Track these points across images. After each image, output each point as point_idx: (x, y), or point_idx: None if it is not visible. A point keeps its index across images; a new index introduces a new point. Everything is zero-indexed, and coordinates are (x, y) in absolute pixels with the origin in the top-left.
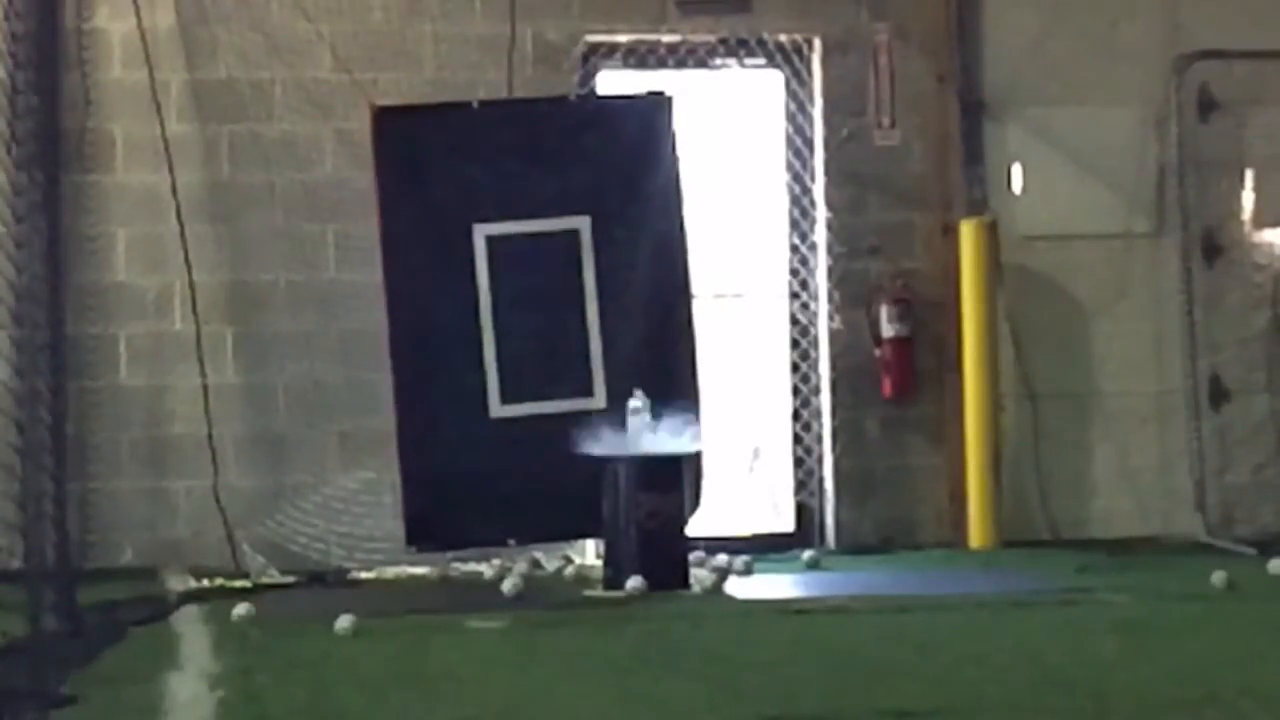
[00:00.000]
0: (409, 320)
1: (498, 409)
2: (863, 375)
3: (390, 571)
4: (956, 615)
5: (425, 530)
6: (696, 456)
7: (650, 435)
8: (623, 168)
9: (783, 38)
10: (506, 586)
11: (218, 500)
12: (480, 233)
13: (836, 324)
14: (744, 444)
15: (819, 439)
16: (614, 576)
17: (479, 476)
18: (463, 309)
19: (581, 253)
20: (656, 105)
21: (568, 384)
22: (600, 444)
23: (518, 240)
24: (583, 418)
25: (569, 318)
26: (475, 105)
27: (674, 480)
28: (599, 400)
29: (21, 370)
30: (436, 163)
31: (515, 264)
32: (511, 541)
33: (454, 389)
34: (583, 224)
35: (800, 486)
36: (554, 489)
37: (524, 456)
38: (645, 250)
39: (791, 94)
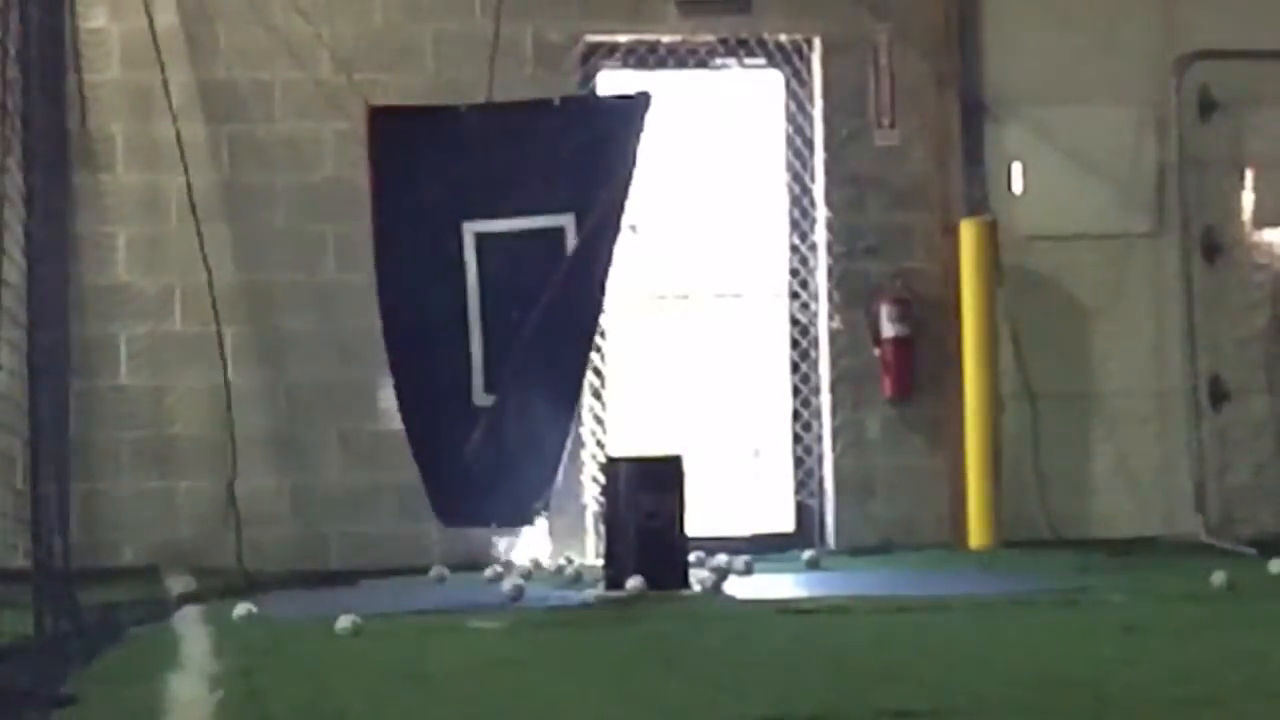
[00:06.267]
0: (400, 313)
1: (481, 398)
2: (863, 375)
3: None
4: (956, 615)
5: (447, 510)
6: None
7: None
8: (602, 166)
9: (783, 38)
10: (506, 586)
11: (233, 499)
12: (469, 230)
13: (836, 324)
14: (744, 444)
15: (819, 439)
16: (614, 576)
17: (468, 462)
18: (451, 302)
19: (566, 250)
20: (635, 103)
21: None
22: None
23: (505, 237)
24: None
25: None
26: (463, 109)
27: (674, 480)
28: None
29: (30, 370)
30: (426, 161)
31: (503, 260)
32: (490, 524)
33: (443, 379)
34: (567, 221)
35: (800, 486)
36: (515, 475)
37: (505, 443)
38: (598, 245)
39: (791, 94)
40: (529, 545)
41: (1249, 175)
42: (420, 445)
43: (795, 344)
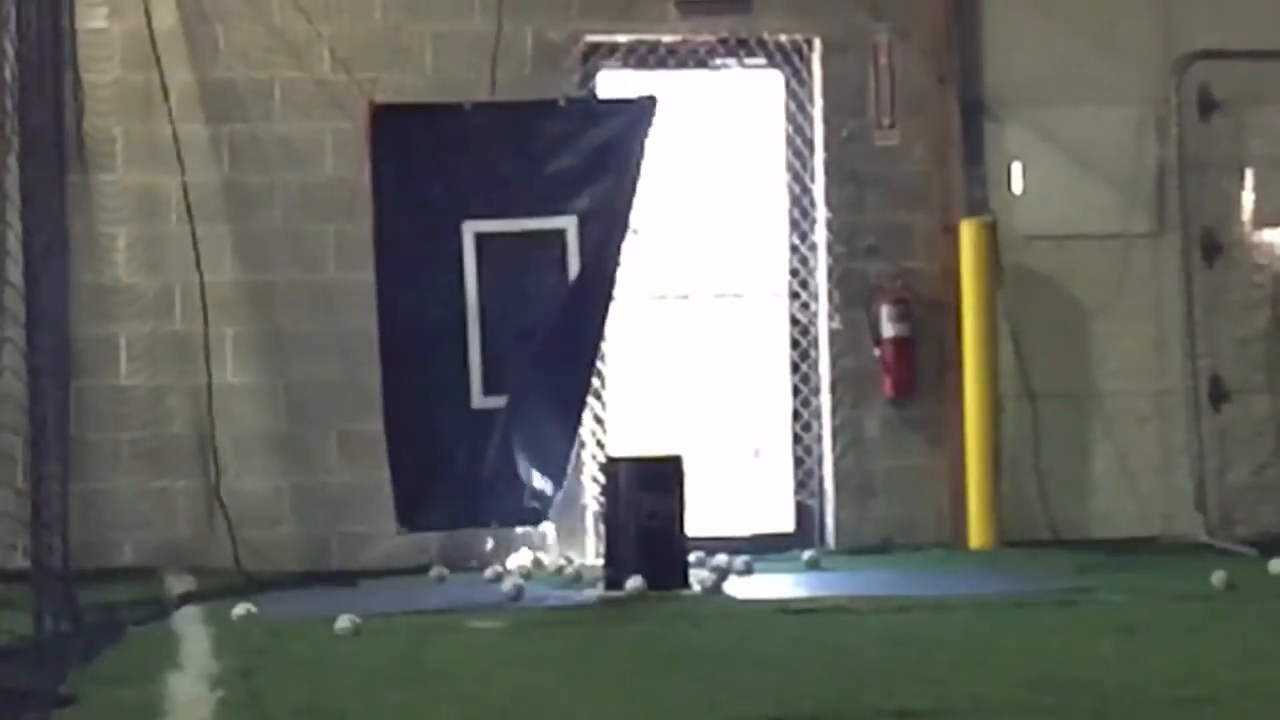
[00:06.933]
0: (398, 311)
1: (480, 400)
2: (863, 375)
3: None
4: (956, 615)
5: (413, 513)
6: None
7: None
8: (606, 170)
9: (783, 38)
10: (506, 586)
11: (220, 500)
12: (469, 229)
13: (836, 324)
14: (744, 444)
15: (819, 439)
16: (614, 576)
17: (461, 463)
18: (449, 303)
19: (567, 253)
20: (640, 108)
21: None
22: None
23: (505, 238)
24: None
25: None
26: (467, 107)
27: (674, 480)
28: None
29: (30, 369)
30: (429, 160)
31: (503, 261)
32: (492, 524)
33: (437, 379)
34: (569, 224)
35: (800, 486)
36: (525, 476)
37: (513, 445)
38: (605, 250)
39: (791, 94)
40: (529, 545)
41: (1249, 175)
42: (404, 444)
43: (795, 344)
